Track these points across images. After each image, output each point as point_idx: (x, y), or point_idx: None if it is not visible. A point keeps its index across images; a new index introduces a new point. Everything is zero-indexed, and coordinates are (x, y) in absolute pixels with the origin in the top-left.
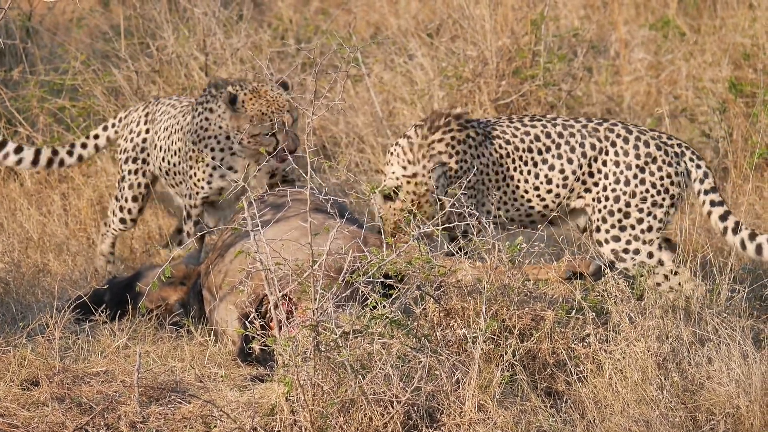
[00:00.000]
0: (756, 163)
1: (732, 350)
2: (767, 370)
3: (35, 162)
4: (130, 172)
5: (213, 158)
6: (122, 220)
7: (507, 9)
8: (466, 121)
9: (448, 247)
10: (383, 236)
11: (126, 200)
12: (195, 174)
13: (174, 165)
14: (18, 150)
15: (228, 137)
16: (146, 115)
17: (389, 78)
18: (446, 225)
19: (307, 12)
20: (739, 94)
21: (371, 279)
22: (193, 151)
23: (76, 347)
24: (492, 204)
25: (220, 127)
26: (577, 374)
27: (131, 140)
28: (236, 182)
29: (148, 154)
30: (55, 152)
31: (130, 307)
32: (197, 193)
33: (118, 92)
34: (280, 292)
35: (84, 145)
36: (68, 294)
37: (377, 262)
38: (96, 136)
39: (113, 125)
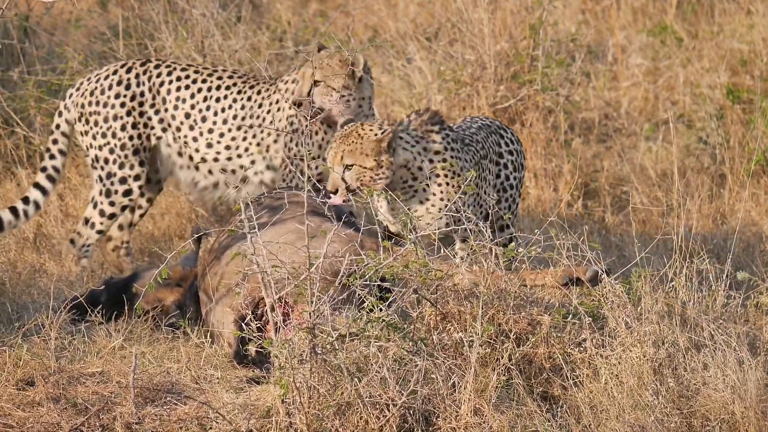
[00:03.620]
0: (753, 170)
1: (728, 356)
2: (762, 377)
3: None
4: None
5: None
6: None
7: (506, 13)
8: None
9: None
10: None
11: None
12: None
13: None
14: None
15: None
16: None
17: (387, 81)
18: (443, 229)
19: (306, 14)
20: (736, 101)
21: (368, 282)
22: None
23: (72, 348)
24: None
25: None
26: (573, 379)
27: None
28: None
29: None
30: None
31: (126, 308)
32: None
33: None
34: (276, 294)
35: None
36: (64, 294)
37: (374, 265)
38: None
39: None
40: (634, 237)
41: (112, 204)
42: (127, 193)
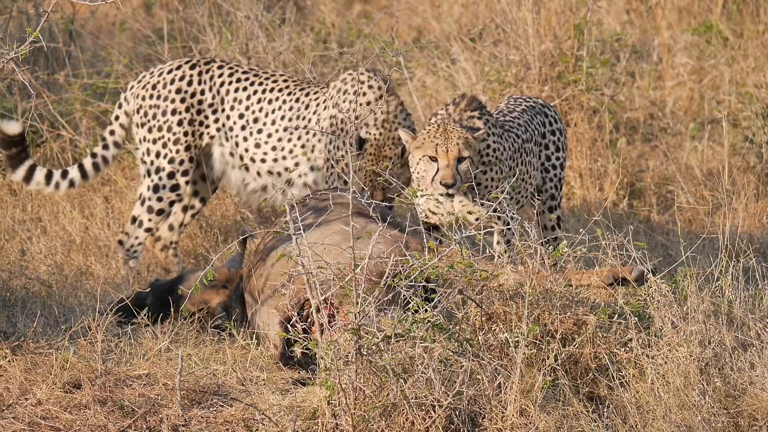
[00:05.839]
0: None
1: None
2: None
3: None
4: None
5: None
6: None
7: (550, 13)
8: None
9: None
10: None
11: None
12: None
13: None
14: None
15: None
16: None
17: (432, 82)
18: (488, 229)
19: (350, 16)
20: None
21: (413, 283)
22: None
23: (119, 350)
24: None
25: None
26: (619, 379)
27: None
28: None
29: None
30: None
31: (172, 310)
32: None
33: None
34: (321, 295)
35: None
36: (111, 297)
37: (419, 266)
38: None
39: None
40: (680, 236)
41: (159, 200)
42: (175, 188)
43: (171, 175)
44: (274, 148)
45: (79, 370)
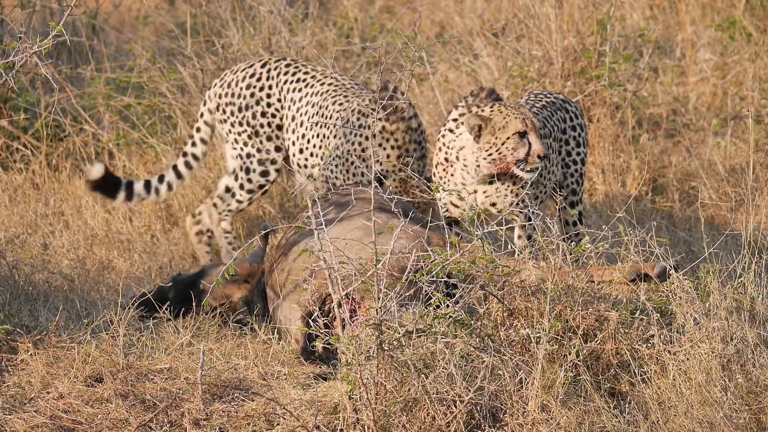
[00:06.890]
0: None
1: None
2: None
3: None
4: None
5: None
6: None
7: (573, 8)
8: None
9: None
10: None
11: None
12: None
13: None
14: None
15: None
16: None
17: (454, 77)
18: (510, 225)
19: (372, 10)
20: None
21: (434, 278)
22: None
23: (140, 344)
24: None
25: None
26: (641, 375)
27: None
28: None
29: None
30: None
31: (194, 304)
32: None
33: (184, 90)
34: (343, 290)
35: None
36: (132, 291)
37: (441, 261)
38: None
39: None
40: (703, 232)
41: (250, 181)
42: (264, 174)
43: (261, 162)
44: (312, 154)
45: (101, 364)
